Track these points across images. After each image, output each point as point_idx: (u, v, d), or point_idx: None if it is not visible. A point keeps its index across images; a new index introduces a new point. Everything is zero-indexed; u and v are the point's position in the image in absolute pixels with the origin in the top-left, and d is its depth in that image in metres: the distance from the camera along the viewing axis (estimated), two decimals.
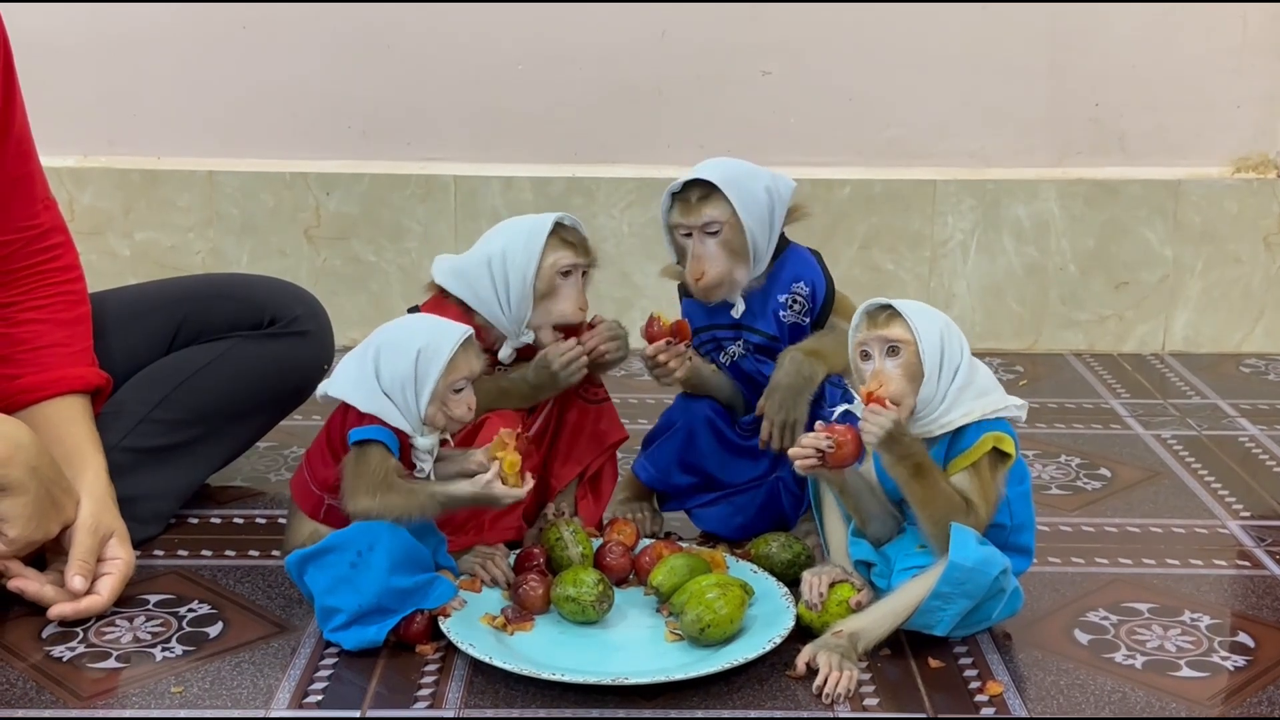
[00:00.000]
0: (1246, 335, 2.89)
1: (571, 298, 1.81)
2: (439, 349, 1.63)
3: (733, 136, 2.84)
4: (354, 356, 1.67)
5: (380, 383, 1.63)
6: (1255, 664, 1.62)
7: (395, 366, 1.63)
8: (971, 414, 1.59)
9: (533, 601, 1.68)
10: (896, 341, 1.58)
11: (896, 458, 1.56)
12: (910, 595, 1.59)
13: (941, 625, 1.59)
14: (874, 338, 1.59)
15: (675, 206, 1.82)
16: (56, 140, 2.72)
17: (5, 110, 1.77)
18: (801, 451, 1.59)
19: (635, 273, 2.82)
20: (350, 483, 1.62)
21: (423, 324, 1.69)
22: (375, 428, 1.62)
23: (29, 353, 1.81)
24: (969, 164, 2.88)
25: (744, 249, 1.81)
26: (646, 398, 2.55)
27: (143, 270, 2.77)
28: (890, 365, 1.58)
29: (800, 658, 1.57)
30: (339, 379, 1.67)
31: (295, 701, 1.52)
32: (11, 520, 1.62)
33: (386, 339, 1.66)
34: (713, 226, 1.80)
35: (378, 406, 1.63)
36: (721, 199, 1.80)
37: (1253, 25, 2.82)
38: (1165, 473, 2.23)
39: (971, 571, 1.56)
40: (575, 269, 1.80)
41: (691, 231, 1.81)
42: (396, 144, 2.87)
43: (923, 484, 1.56)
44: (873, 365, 1.59)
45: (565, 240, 1.80)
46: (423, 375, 1.63)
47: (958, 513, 1.57)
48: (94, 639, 1.65)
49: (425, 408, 1.63)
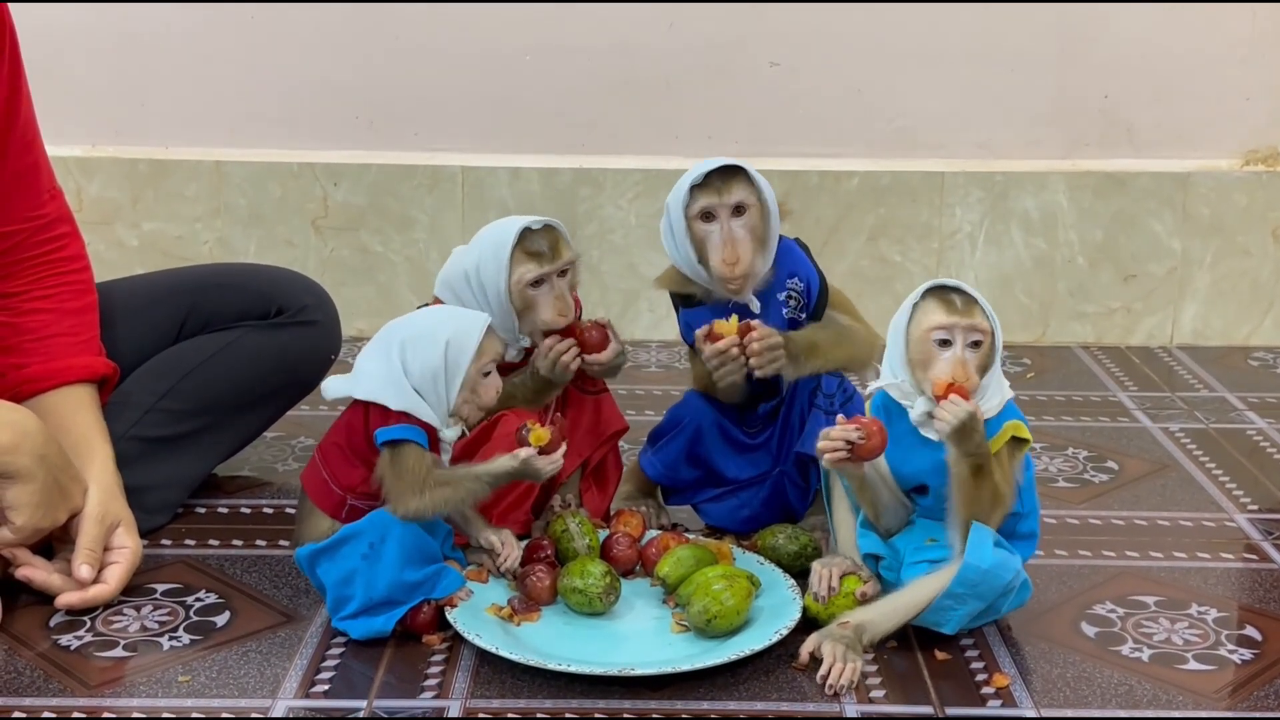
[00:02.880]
0: (1255, 328, 2.89)
1: (549, 305, 1.78)
2: (468, 334, 1.63)
3: (740, 128, 2.84)
4: (375, 356, 1.65)
5: (410, 378, 1.62)
6: (1262, 657, 1.62)
7: (425, 359, 1.62)
8: (1003, 399, 1.58)
9: (539, 593, 1.68)
10: (981, 333, 1.56)
11: (964, 452, 1.54)
12: (922, 592, 1.58)
13: (951, 624, 1.59)
14: (961, 326, 1.55)
15: (698, 194, 1.78)
16: (64, 130, 2.73)
17: (11, 100, 1.77)
18: (830, 444, 1.57)
19: (642, 264, 2.82)
20: (393, 486, 1.60)
21: (443, 314, 1.69)
22: (404, 426, 1.61)
23: (36, 342, 1.81)
24: (977, 155, 2.88)
25: (767, 235, 1.80)
26: (654, 389, 2.55)
27: (150, 260, 2.77)
28: (971, 355, 1.56)
29: (804, 647, 1.57)
30: (365, 380, 1.64)
31: (302, 691, 1.52)
32: (19, 508, 1.62)
33: (410, 334, 1.64)
34: (742, 207, 1.78)
35: (408, 403, 1.61)
36: (747, 181, 1.78)
37: (1262, 17, 2.81)
38: (1173, 465, 2.22)
39: (987, 574, 1.55)
40: (545, 278, 1.78)
41: (717, 216, 1.78)
42: (404, 135, 2.87)
43: (978, 482, 1.55)
44: (952, 353, 1.56)
45: (529, 252, 1.76)
46: (453, 364, 1.62)
47: (995, 509, 1.57)
48: (101, 628, 1.65)
49: (455, 398, 1.63)
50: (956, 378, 1.54)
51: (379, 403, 1.62)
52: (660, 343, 2.85)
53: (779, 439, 1.88)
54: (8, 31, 1.77)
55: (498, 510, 1.79)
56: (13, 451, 1.60)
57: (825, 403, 1.83)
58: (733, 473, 1.91)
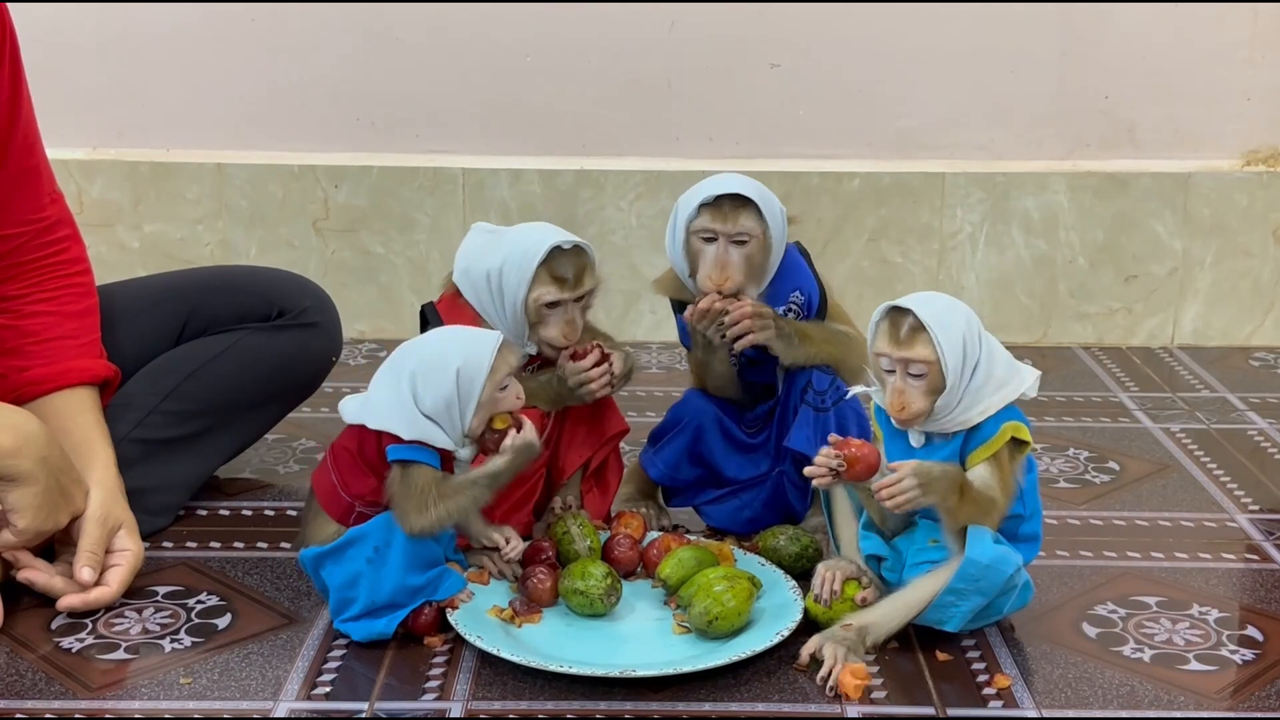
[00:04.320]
0: (1256, 328, 2.89)
1: (558, 327, 1.78)
2: (479, 361, 1.61)
3: (741, 129, 2.84)
4: (386, 384, 1.63)
5: (421, 407, 1.60)
6: (1264, 658, 1.62)
7: (437, 389, 1.60)
8: (987, 411, 1.57)
9: (541, 594, 1.68)
10: (921, 362, 1.55)
11: (936, 503, 1.55)
12: (923, 591, 1.58)
13: (953, 621, 1.59)
14: (897, 357, 1.56)
15: (704, 213, 1.79)
16: (66, 132, 2.74)
17: (12, 103, 1.77)
18: (816, 470, 1.59)
19: (643, 265, 2.82)
20: (400, 505, 1.60)
21: (453, 340, 1.64)
22: (416, 448, 1.60)
23: (37, 345, 1.81)
24: (978, 156, 2.88)
25: (764, 266, 1.82)
26: (655, 390, 2.55)
27: (152, 262, 2.77)
28: (913, 384, 1.56)
29: (805, 649, 1.57)
30: (376, 409, 1.62)
31: (304, 693, 1.52)
32: (21, 511, 1.62)
33: (420, 364, 1.61)
34: (743, 237, 1.79)
35: (421, 431, 1.60)
36: (755, 213, 1.79)
37: (1263, 17, 2.81)
38: (1174, 466, 2.22)
39: (987, 569, 1.55)
40: (563, 303, 1.78)
41: (717, 238, 1.80)
42: (405, 136, 2.87)
43: (960, 504, 1.55)
44: (894, 382, 1.57)
45: (554, 274, 1.76)
46: (466, 392, 1.60)
47: (984, 516, 1.57)
48: (103, 630, 1.65)
49: (470, 421, 1.62)
50: (892, 411, 1.57)
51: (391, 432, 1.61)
52: (661, 344, 2.85)
53: (777, 439, 1.89)
54: (8, 34, 1.77)
55: (499, 512, 1.79)
56: (15, 454, 1.60)
57: (816, 399, 1.83)
58: (733, 472, 1.92)
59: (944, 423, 1.58)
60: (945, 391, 1.56)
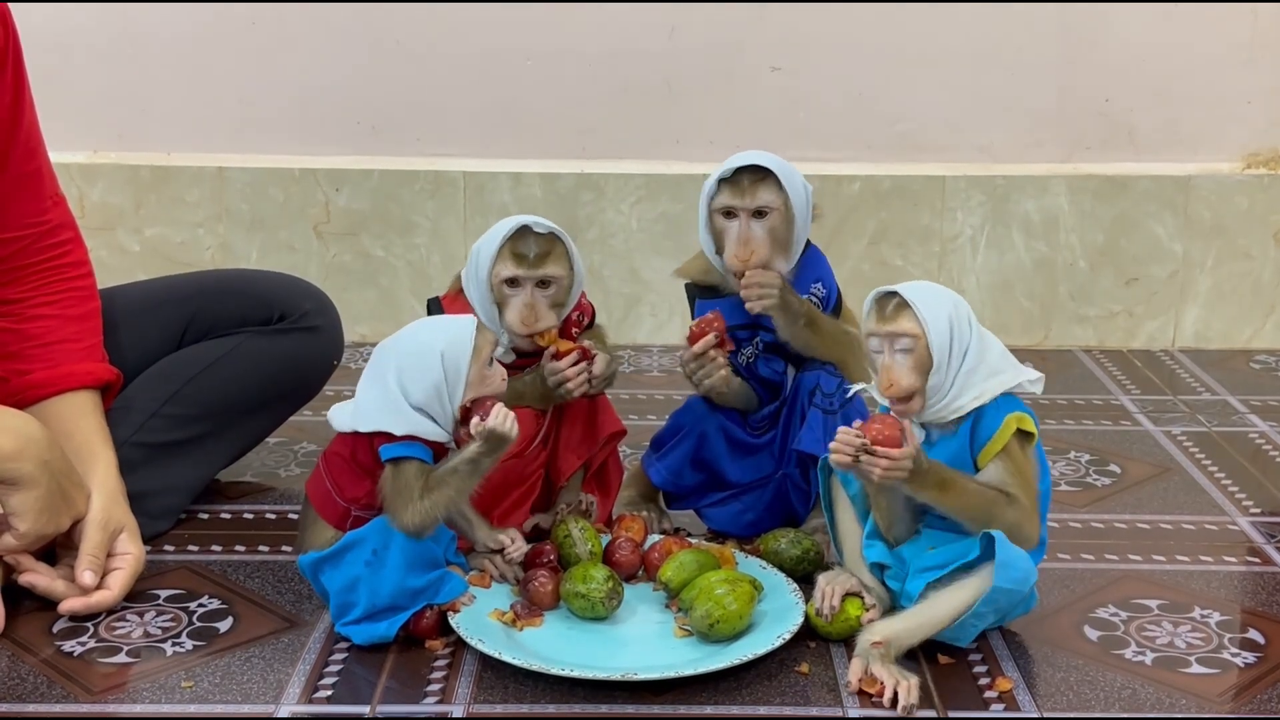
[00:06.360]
0: (1256, 331, 2.89)
1: (516, 310, 1.76)
2: (460, 342, 1.62)
3: (742, 132, 2.84)
4: (372, 385, 1.64)
5: (410, 400, 1.61)
6: (1265, 660, 1.62)
7: (424, 378, 1.61)
8: (982, 396, 1.57)
9: (542, 598, 1.68)
10: (905, 335, 1.56)
11: (920, 485, 1.54)
12: (948, 609, 1.56)
13: (969, 638, 1.60)
14: (883, 333, 1.57)
15: (724, 189, 1.79)
16: (67, 136, 2.73)
17: (14, 106, 1.78)
18: (840, 449, 1.54)
19: (644, 268, 2.82)
20: (391, 502, 1.60)
21: (430, 328, 1.66)
22: (409, 445, 1.61)
23: (39, 348, 1.81)
24: (978, 159, 2.88)
25: (789, 239, 1.80)
26: (655, 393, 2.55)
27: (153, 266, 2.77)
28: (900, 360, 1.57)
29: (852, 675, 1.53)
30: (366, 412, 1.63)
31: (305, 696, 1.52)
32: (22, 514, 1.62)
33: (403, 358, 1.62)
34: (764, 209, 1.79)
35: (413, 426, 1.61)
36: (775, 184, 1.78)
37: (1263, 19, 2.81)
38: (1175, 469, 2.22)
39: (1011, 593, 1.55)
40: (521, 282, 1.76)
41: (738, 214, 1.79)
42: (405, 140, 2.87)
43: (953, 494, 1.55)
44: (883, 359, 1.58)
45: (515, 251, 1.75)
46: (453, 372, 1.61)
47: (997, 506, 1.56)
48: (104, 634, 1.65)
49: (460, 404, 1.63)
50: (882, 388, 1.57)
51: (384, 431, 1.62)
52: (662, 347, 2.85)
53: (781, 441, 1.89)
54: (11, 37, 1.77)
55: (497, 512, 1.79)
56: (16, 458, 1.60)
57: (825, 401, 1.83)
58: (735, 476, 1.91)
59: (939, 410, 1.57)
60: (934, 370, 1.55)
